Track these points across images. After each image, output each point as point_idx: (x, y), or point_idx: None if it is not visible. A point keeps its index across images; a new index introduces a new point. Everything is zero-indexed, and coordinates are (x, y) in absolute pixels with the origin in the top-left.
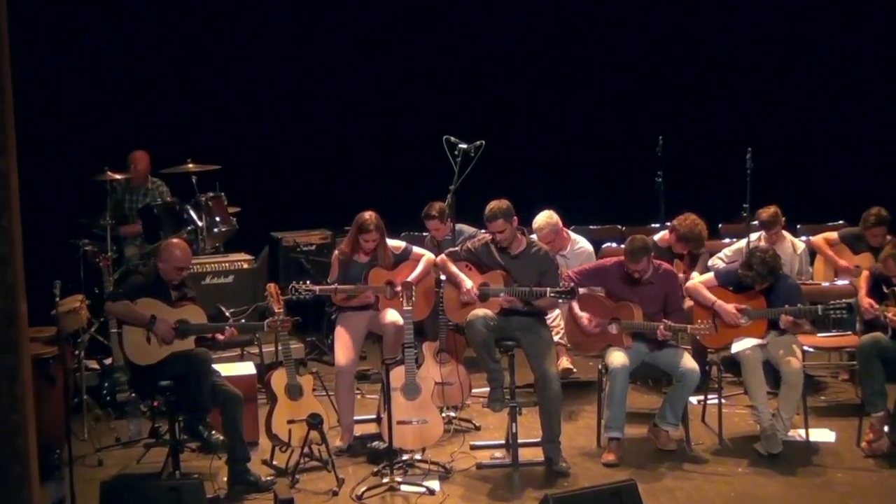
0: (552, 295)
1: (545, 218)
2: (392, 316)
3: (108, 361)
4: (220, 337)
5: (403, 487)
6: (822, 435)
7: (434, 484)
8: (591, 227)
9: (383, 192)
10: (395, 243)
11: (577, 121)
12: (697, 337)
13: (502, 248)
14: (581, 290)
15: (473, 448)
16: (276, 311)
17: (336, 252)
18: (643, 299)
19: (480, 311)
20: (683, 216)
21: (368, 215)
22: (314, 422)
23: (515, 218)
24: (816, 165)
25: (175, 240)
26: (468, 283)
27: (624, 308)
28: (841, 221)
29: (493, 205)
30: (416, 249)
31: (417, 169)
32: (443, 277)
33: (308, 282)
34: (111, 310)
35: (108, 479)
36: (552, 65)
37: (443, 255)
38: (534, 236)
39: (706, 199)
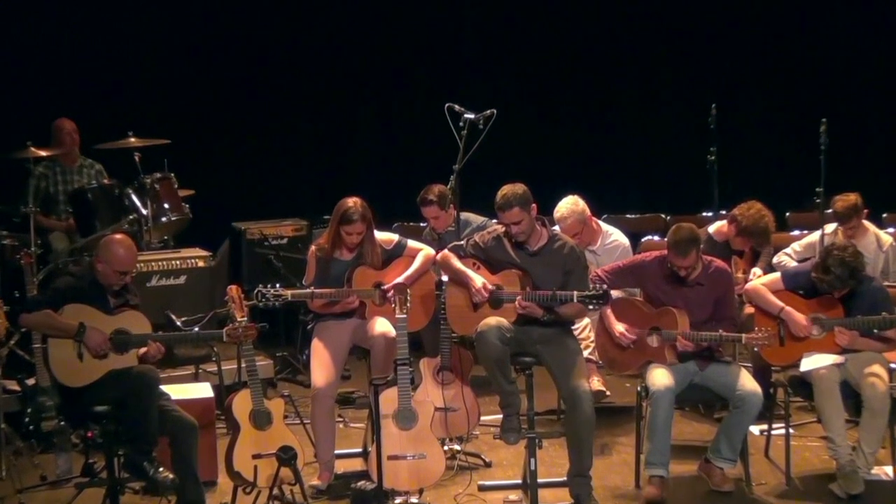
0: (580, 300)
1: (570, 205)
2: (382, 326)
3: (30, 382)
4: (151, 352)
5: None
6: None
7: None
8: (628, 215)
9: (371, 173)
10: (385, 236)
11: (610, 86)
12: (756, 349)
13: (518, 242)
14: (615, 294)
15: (483, 489)
16: (239, 318)
17: (313, 247)
18: (690, 304)
19: (493, 320)
20: (746, 205)
21: (352, 202)
22: (286, 456)
23: (534, 205)
24: None
25: (118, 236)
26: (479, 279)
27: (667, 315)
28: None
29: (507, 189)
30: (412, 244)
31: (413, 145)
32: (445, 278)
33: (278, 285)
34: (27, 322)
35: None
36: (575, 19)
37: (445, 251)
38: (556, 228)
39: (770, 181)
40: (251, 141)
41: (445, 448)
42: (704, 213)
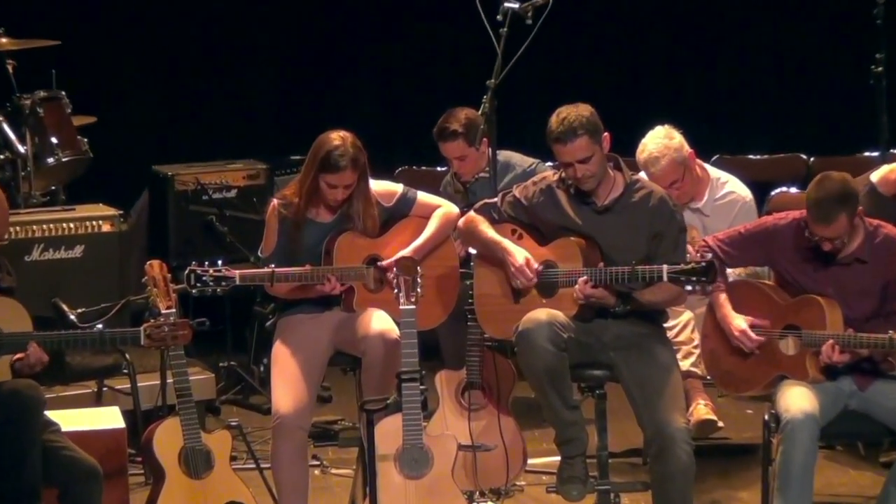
0: (671, 277)
1: (661, 140)
2: (379, 323)
3: None
4: (30, 360)
5: None
6: None
7: None
8: (751, 156)
9: (363, 93)
10: (384, 187)
11: None
12: None
13: (580, 193)
14: (731, 273)
15: None
16: (164, 311)
17: (274, 202)
18: (844, 291)
19: (542, 315)
20: None
21: (338, 139)
22: None
23: (606, 136)
24: None
25: None
26: (520, 253)
27: (809, 307)
28: None
29: (568, 112)
30: (424, 198)
31: (424, 51)
32: (472, 251)
33: (221, 261)
34: None
35: None
36: None
37: (471, 213)
38: (641, 174)
39: None
40: (183, 44)
41: None
42: (866, 154)
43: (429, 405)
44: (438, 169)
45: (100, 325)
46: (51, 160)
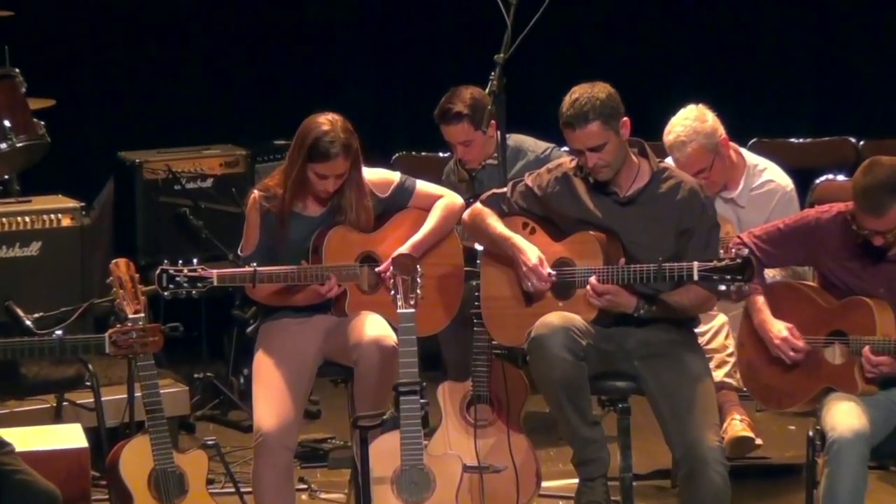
0: (702, 275)
1: (691, 121)
2: (373, 328)
3: None
4: None
5: None
6: None
7: None
8: (793, 139)
9: (354, 70)
10: (379, 176)
11: None
12: None
13: (600, 183)
14: (769, 274)
15: None
16: (131, 314)
17: (256, 194)
18: None
19: (557, 319)
20: None
21: (327, 123)
22: None
23: (626, 120)
24: None
25: None
26: (533, 250)
27: (858, 311)
28: None
29: (581, 92)
30: (424, 188)
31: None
32: (478, 247)
33: (195, 259)
34: None
35: None
36: None
37: (477, 204)
38: (668, 160)
39: None
40: (152, 16)
41: None
42: None
43: (430, 421)
44: (440, 155)
45: (59, 332)
46: (3, 145)
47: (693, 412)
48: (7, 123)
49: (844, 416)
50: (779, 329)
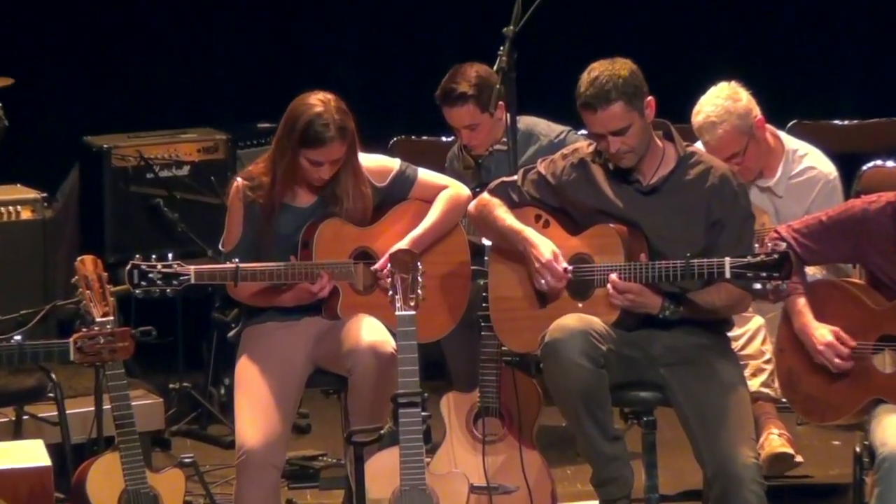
0: (735, 272)
1: (722, 100)
2: (369, 333)
3: None
4: None
5: None
6: None
7: None
8: (837, 121)
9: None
10: (377, 163)
11: None
12: None
13: (621, 170)
14: (810, 272)
15: None
16: (98, 317)
17: (239, 183)
18: None
19: (575, 321)
20: None
21: (320, 104)
22: None
23: (650, 100)
24: None
25: None
26: (546, 245)
27: None
28: None
29: (600, 72)
30: (426, 176)
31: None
32: (486, 242)
33: (171, 255)
34: None
35: None
36: None
37: (484, 194)
38: (697, 144)
39: None
40: None
41: None
42: None
43: (433, 436)
44: (443, 139)
45: (18, 337)
46: None
47: (726, 426)
48: None
49: None
50: (822, 333)
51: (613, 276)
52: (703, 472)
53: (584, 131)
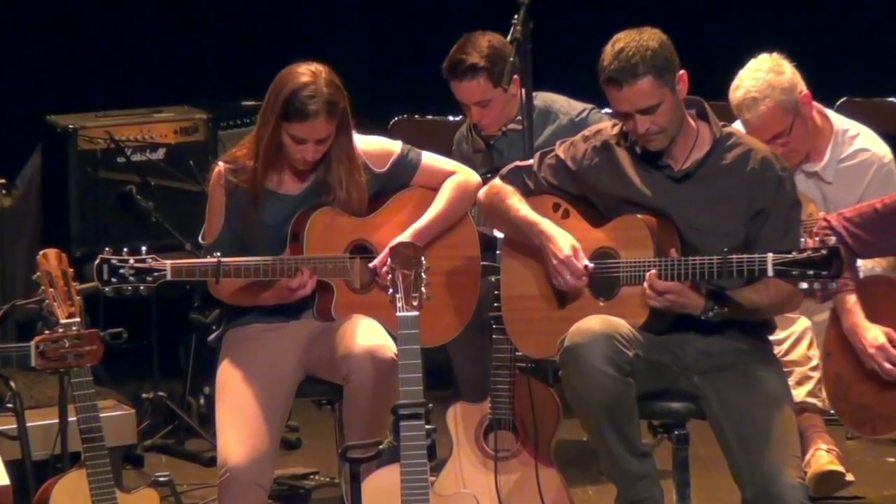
0: (778, 268)
1: (764, 74)
2: (366, 337)
3: None
4: None
5: None
6: None
7: None
8: (890, 98)
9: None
10: (375, 146)
11: None
12: None
13: (649, 154)
14: (861, 265)
15: None
16: (63, 318)
17: (220, 167)
18: None
19: (598, 324)
20: None
21: (308, 74)
22: None
23: (683, 74)
24: None
25: None
26: (566, 239)
27: None
28: None
29: (626, 43)
30: (430, 160)
31: None
32: (498, 235)
33: (144, 248)
34: None
35: None
36: None
37: (496, 181)
38: (736, 124)
39: None
40: None
41: None
42: None
43: (438, 452)
44: (450, 119)
45: None
46: None
47: (768, 441)
48: None
49: None
50: (874, 335)
51: (653, 273)
52: (742, 493)
53: (608, 110)
